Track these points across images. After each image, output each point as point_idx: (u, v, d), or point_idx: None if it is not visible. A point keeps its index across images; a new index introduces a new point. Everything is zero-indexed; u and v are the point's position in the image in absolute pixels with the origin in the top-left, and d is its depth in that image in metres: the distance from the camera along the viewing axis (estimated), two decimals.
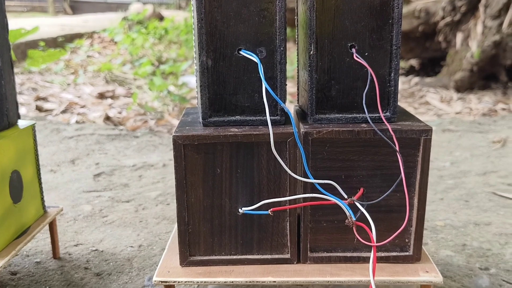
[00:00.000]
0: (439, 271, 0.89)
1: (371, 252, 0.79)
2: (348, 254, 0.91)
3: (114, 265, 1.16)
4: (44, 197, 1.12)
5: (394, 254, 0.91)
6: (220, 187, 0.87)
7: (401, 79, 4.15)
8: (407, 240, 0.90)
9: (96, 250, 1.23)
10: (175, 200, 0.88)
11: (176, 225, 1.09)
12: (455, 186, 1.70)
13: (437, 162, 1.96)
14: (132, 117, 3.05)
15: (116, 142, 2.21)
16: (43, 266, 1.15)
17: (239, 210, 0.88)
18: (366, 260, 0.91)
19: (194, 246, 0.90)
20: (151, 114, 3.04)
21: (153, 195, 1.59)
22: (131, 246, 1.25)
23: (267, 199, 0.86)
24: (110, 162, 1.92)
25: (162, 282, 0.88)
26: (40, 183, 1.10)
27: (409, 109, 3.20)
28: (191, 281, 0.88)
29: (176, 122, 2.90)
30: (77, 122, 2.76)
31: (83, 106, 3.32)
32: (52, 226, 1.15)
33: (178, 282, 0.88)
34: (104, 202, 1.52)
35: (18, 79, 3.82)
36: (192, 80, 4.15)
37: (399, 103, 0.91)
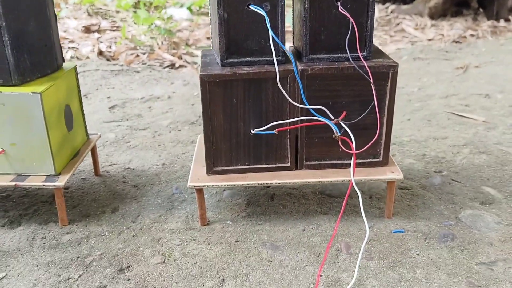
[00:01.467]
0: (403, 175, 1.19)
1: (351, 159, 1.07)
2: (334, 162, 1.20)
3: (146, 179, 1.43)
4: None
5: (369, 160, 1.20)
6: (236, 114, 1.13)
7: (378, 7, 4.32)
8: (378, 150, 1.19)
9: (128, 168, 1.50)
10: (185, 127, 1.14)
11: (196, 145, 1.36)
12: (421, 108, 1.99)
13: (407, 88, 2.25)
14: (124, 51, 3.20)
15: (120, 77, 2.42)
16: (89, 181, 1.42)
17: (251, 131, 1.15)
18: (348, 166, 1.20)
19: (217, 160, 1.18)
20: (141, 48, 3.19)
21: (165, 123, 1.84)
22: (156, 165, 1.52)
23: (273, 122, 1.12)
24: (120, 96, 2.15)
25: (194, 186, 1.16)
26: (83, 115, 1.34)
27: (385, 37, 3.42)
28: (216, 185, 1.16)
29: (167, 56, 3.07)
30: (71, 57, 2.91)
31: (71, 41, 3.43)
32: (93, 149, 1.41)
33: (207, 186, 1.16)
34: (124, 131, 1.77)
35: None
36: (177, 13, 4.24)
37: (376, 32, 1.16)
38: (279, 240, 1.15)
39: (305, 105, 1.09)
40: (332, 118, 1.11)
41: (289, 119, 1.14)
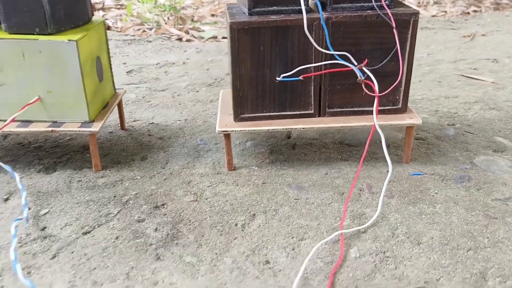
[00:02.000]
0: (418, 126, 1.25)
1: (373, 105, 1.13)
2: (355, 109, 1.26)
3: (170, 133, 1.49)
4: None
5: (388, 107, 1.26)
6: (263, 61, 1.18)
7: None
8: (397, 97, 1.25)
9: (152, 123, 1.56)
10: (203, 88, 1.19)
11: (220, 99, 1.41)
12: (431, 71, 2.04)
13: (416, 54, 2.29)
14: (130, 27, 3.23)
15: (133, 46, 2.45)
16: (116, 134, 1.48)
17: (277, 78, 1.20)
18: (369, 112, 1.25)
19: (243, 107, 1.23)
20: (148, 24, 3.22)
21: (183, 85, 1.89)
22: (179, 120, 1.58)
23: (299, 67, 1.18)
24: (135, 62, 2.19)
25: (223, 131, 1.21)
26: (111, 69, 1.39)
27: None
28: (243, 130, 1.22)
29: (174, 30, 3.10)
30: None
31: None
32: (119, 103, 1.46)
33: (234, 131, 1.21)
34: (143, 91, 1.82)
35: None
36: None
37: None
38: (303, 182, 1.21)
39: (330, 50, 1.14)
40: (356, 63, 1.16)
41: (314, 66, 1.19)
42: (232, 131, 1.22)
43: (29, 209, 1.10)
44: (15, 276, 0.90)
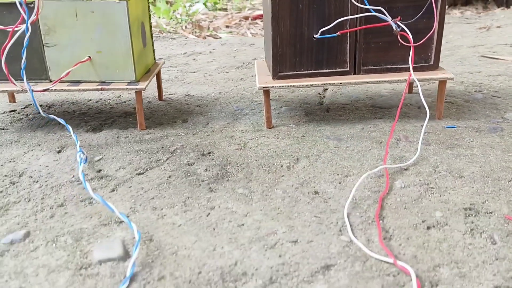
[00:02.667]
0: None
1: (405, 64, 1.18)
2: (389, 66, 1.31)
3: (206, 102, 1.55)
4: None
5: (421, 64, 1.31)
6: (301, 19, 1.25)
7: None
8: (429, 54, 1.30)
9: (188, 95, 1.62)
10: (232, 70, 1.24)
11: (255, 65, 1.47)
12: (451, 54, 2.10)
13: None
14: None
15: (158, 41, 2.54)
16: (155, 104, 1.54)
17: (314, 36, 1.26)
18: (401, 70, 1.31)
19: (282, 64, 1.29)
20: (166, 33, 3.32)
21: (212, 68, 1.96)
22: (213, 93, 1.64)
23: (336, 21, 1.24)
24: (163, 52, 2.27)
25: (263, 87, 1.27)
26: (152, 38, 1.46)
27: None
28: (282, 86, 1.27)
29: (191, 36, 3.20)
30: None
31: None
32: (158, 74, 1.52)
33: (274, 86, 1.27)
34: (176, 73, 1.89)
35: None
36: (193, 8, 4.40)
37: None
38: (341, 135, 1.26)
39: (366, 5, 1.21)
40: (390, 18, 1.22)
41: (350, 21, 1.25)
42: (271, 86, 1.28)
43: (84, 153, 1.15)
44: (77, 205, 0.95)
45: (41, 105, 1.54)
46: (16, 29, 1.13)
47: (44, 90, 1.21)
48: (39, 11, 1.15)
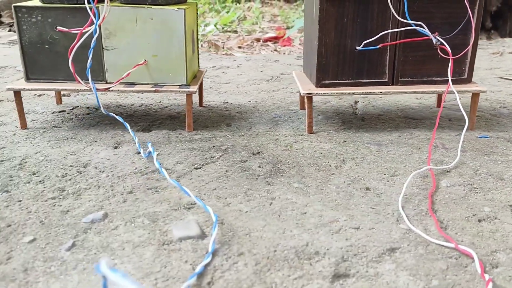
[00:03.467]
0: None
1: (440, 77, 1.27)
2: (425, 79, 1.39)
3: (245, 109, 1.62)
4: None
5: (455, 78, 1.39)
6: (345, 32, 1.33)
7: None
8: (463, 68, 1.39)
9: (226, 102, 1.69)
10: (263, 83, 1.32)
11: (294, 76, 1.55)
12: None
13: None
14: None
15: None
16: (197, 109, 1.61)
17: (357, 47, 1.35)
18: (436, 82, 1.39)
19: (325, 73, 1.37)
20: None
21: (243, 80, 2.04)
22: (249, 102, 1.71)
23: (378, 34, 1.32)
24: None
25: (308, 94, 1.34)
26: (198, 46, 1.54)
27: None
28: (326, 93, 1.35)
29: (213, 54, 3.30)
30: None
31: None
32: (201, 82, 1.60)
33: (318, 93, 1.35)
34: (209, 84, 1.97)
35: None
36: (213, 28, 4.53)
37: None
38: (381, 141, 1.33)
39: (407, 20, 1.29)
40: (430, 33, 1.31)
41: (390, 35, 1.34)
42: (316, 93, 1.35)
43: (141, 150, 1.21)
44: (145, 192, 1.01)
45: (87, 107, 1.61)
46: (84, 30, 1.21)
47: (106, 89, 1.28)
48: (106, 15, 1.24)
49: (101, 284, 0.59)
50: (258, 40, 4.07)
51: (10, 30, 3.89)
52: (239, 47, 4.09)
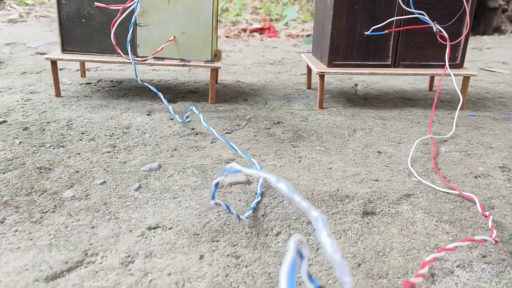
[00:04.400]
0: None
1: (437, 62, 1.44)
2: (423, 63, 1.57)
3: (257, 87, 1.76)
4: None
5: (449, 63, 1.57)
6: (355, 18, 1.49)
7: None
8: (457, 55, 1.57)
9: (239, 81, 1.83)
10: (267, 65, 1.47)
11: (305, 59, 1.70)
12: None
13: None
14: None
15: None
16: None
17: (365, 33, 1.51)
18: (433, 66, 1.56)
19: (336, 55, 1.53)
20: None
21: (249, 63, 2.18)
22: (259, 81, 1.86)
23: (384, 22, 1.49)
24: None
25: (321, 72, 1.50)
26: (217, 27, 1.67)
27: None
28: (337, 72, 1.50)
29: None
30: None
31: None
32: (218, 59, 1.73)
33: (329, 72, 1.50)
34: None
35: None
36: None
37: None
38: (384, 116, 1.50)
39: (410, 8, 1.46)
40: (430, 22, 1.48)
41: (396, 24, 1.51)
42: (327, 72, 1.51)
43: (176, 116, 1.34)
44: (188, 150, 1.15)
45: (111, 81, 1.72)
46: (126, 6, 1.32)
47: (143, 61, 1.40)
48: None
49: (212, 191, 0.71)
50: (244, 30, 4.20)
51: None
52: (226, 37, 4.22)
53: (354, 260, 0.76)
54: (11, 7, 4.19)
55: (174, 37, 1.47)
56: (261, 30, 4.01)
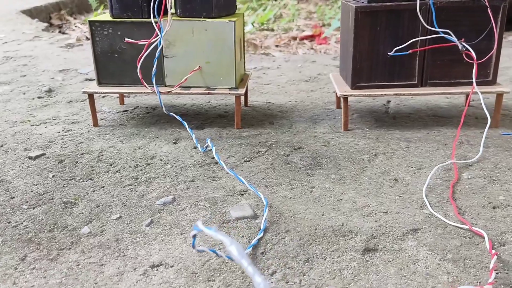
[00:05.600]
0: None
1: (466, 79, 1.39)
2: (452, 81, 1.52)
3: (286, 109, 1.79)
4: None
5: (481, 80, 1.51)
6: (378, 38, 1.48)
7: None
8: (488, 71, 1.51)
9: (269, 102, 1.86)
10: (302, 83, 1.48)
11: (331, 79, 1.70)
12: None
13: None
14: None
15: None
16: (242, 109, 1.79)
17: (388, 53, 1.49)
18: (463, 84, 1.51)
19: (360, 76, 1.52)
20: None
21: (283, 81, 2.21)
22: (289, 101, 1.88)
23: (408, 42, 1.46)
24: None
25: (344, 95, 1.50)
26: (245, 52, 1.72)
27: None
28: (360, 94, 1.50)
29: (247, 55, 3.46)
30: None
31: None
32: (247, 84, 1.78)
33: (353, 94, 1.50)
34: (252, 84, 2.15)
35: None
36: (251, 26, 4.71)
37: None
38: (410, 138, 1.47)
39: (435, 28, 1.43)
40: (456, 40, 1.43)
41: (420, 42, 1.48)
42: (350, 94, 1.51)
43: (199, 145, 1.40)
44: (204, 181, 1.20)
45: (146, 107, 1.82)
46: (151, 41, 1.40)
47: (168, 93, 1.48)
48: (168, 29, 1.43)
49: (191, 242, 0.76)
50: (294, 38, 4.21)
51: (60, 32, 4.19)
52: (276, 46, 4.26)
53: None
54: (76, 26, 4.50)
55: (199, 66, 1.53)
56: (311, 37, 4.00)
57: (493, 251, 0.88)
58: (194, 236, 0.68)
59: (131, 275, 0.85)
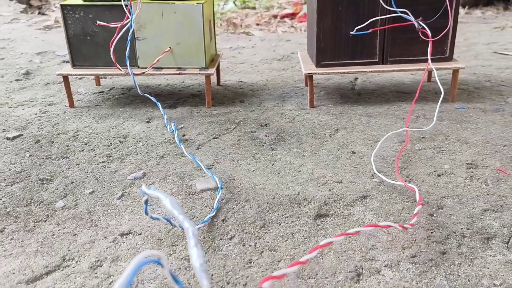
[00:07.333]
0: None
1: (423, 57, 1.47)
2: (411, 58, 1.60)
3: (257, 87, 1.86)
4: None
5: (437, 56, 1.60)
6: (340, 18, 1.55)
7: None
8: (445, 48, 1.59)
9: (241, 81, 1.93)
10: (274, 62, 1.54)
11: (299, 57, 1.77)
12: (467, 50, 2.37)
13: None
14: None
15: None
16: (215, 88, 1.86)
17: (350, 32, 1.56)
18: (421, 61, 1.59)
19: (324, 55, 1.59)
20: None
21: (257, 60, 2.27)
22: (261, 80, 1.95)
23: (369, 20, 1.53)
24: None
25: (308, 73, 1.57)
26: (215, 33, 1.78)
27: None
28: (324, 72, 1.57)
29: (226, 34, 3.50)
30: None
31: None
32: (218, 64, 1.84)
33: (317, 72, 1.57)
34: (226, 64, 2.21)
35: None
36: (232, 5, 4.71)
37: None
38: (371, 113, 1.55)
39: (393, 7, 1.50)
40: (413, 19, 1.51)
41: (380, 22, 1.55)
42: (315, 73, 1.58)
43: (168, 126, 1.47)
44: (174, 157, 1.27)
45: (122, 88, 1.87)
46: (123, 24, 1.45)
47: (141, 74, 1.54)
48: (138, 12, 1.48)
49: (144, 208, 0.84)
50: (275, 16, 4.24)
51: (39, 13, 4.17)
52: (257, 24, 4.29)
53: (291, 262, 0.86)
54: (56, 7, 4.46)
55: (170, 48, 1.59)
56: (292, 15, 4.02)
57: (421, 203, 0.98)
58: (146, 202, 0.75)
59: (102, 243, 0.93)
